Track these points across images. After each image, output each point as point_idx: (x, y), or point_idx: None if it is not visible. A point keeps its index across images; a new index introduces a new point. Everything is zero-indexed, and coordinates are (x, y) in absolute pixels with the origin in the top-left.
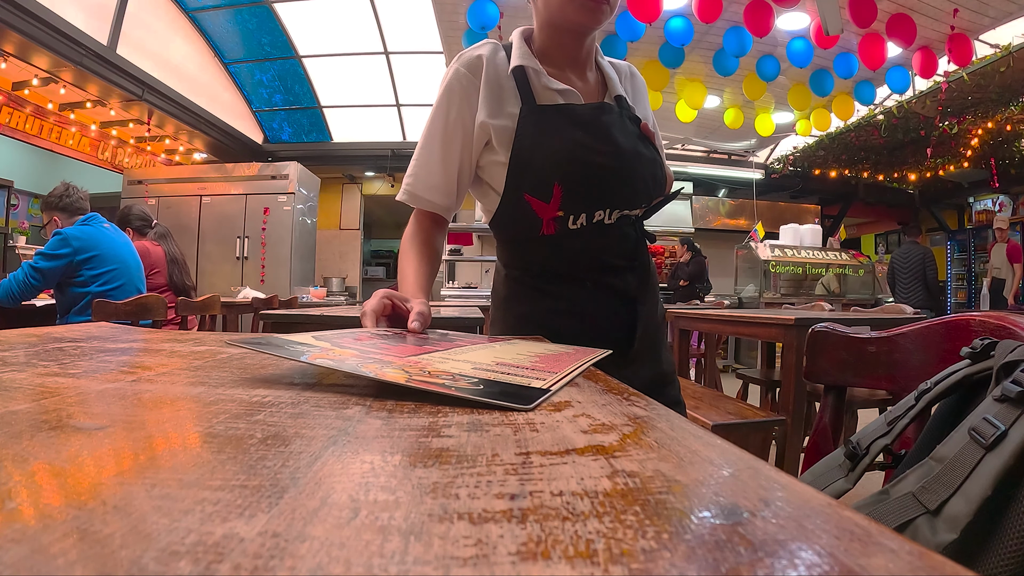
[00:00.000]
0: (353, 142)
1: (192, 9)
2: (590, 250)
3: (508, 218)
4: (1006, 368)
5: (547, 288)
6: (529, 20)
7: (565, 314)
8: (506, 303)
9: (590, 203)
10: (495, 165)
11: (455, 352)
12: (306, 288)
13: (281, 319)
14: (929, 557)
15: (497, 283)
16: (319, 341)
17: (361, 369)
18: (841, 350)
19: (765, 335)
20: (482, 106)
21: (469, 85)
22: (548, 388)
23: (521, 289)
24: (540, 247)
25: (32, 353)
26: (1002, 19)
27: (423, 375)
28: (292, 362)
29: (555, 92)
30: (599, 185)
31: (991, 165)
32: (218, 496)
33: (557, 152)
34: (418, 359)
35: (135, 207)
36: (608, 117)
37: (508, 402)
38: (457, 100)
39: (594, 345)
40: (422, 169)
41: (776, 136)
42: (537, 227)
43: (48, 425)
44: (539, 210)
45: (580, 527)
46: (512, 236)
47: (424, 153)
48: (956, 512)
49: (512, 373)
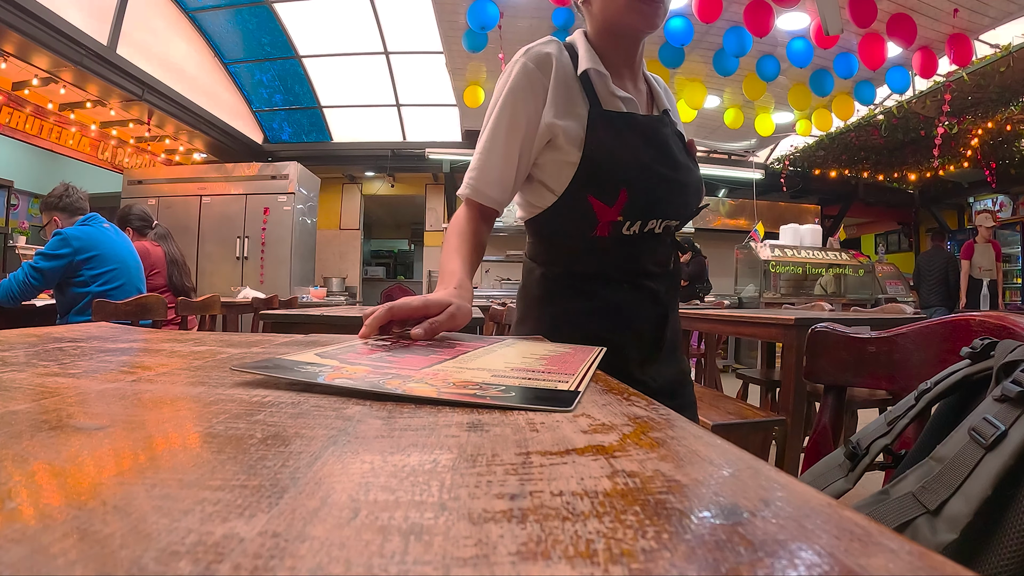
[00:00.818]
0: (353, 142)
1: (192, 9)
2: (635, 255)
3: (563, 217)
4: (1006, 368)
5: (585, 288)
6: (529, 20)
7: (600, 315)
8: (540, 302)
9: (648, 211)
10: (557, 164)
11: (465, 359)
12: (306, 288)
13: (281, 319)
14: (929, 557)
15: (530, 282)
16: (326, 359)
17: (385, 386)
18: (841, 350)
19: (765, 335)
20: (550, 105)
21: (537, 82)
22: (578, 389)
23: (557, 289)
24: (588, 248)
25: (32, 353)
26: (1002, 19)
27: (450, 387)
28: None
29: (618, 99)
30: (659, 195)
31: (985, 164)
32: (218, 496)
33: (627, 159)
34: (434, 370)
35: (135, 207)
36: (665, 130)
37: (549, 406)
38: (524, 96)
39: (625, 346)
40: (486, 164)
41: (776, 136)
42: (592, 228)
43: (48, 425)
44: (600, 212)
45: (580, 527)
46: (560, 234)
47: (489, 146)
48: (956, 512)
49: (533, 378)
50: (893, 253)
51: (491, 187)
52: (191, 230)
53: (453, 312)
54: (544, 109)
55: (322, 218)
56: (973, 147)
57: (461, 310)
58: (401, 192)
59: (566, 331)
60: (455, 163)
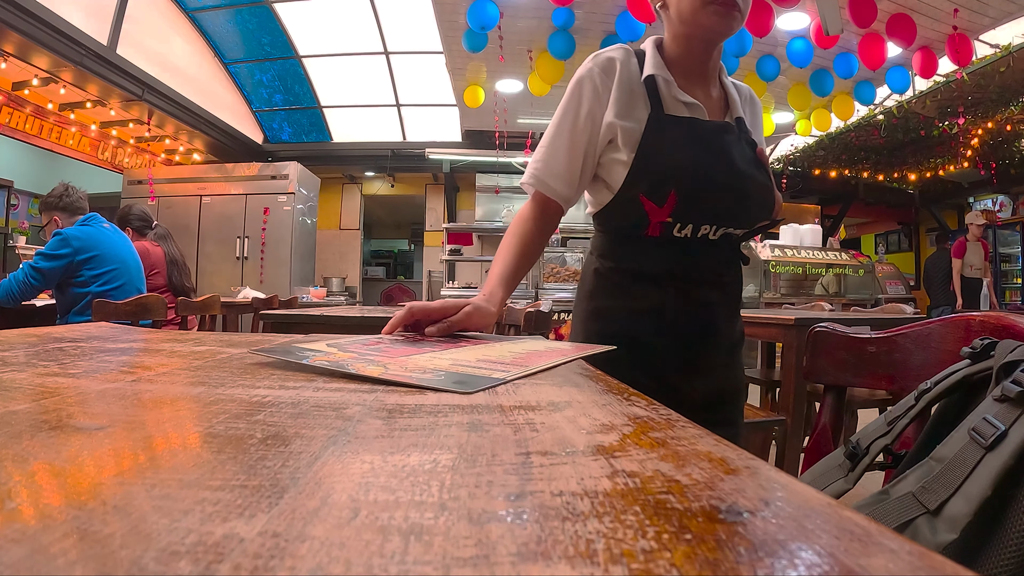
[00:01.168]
0: (353, 142)
1: (192, 9)
2: (686, 260)
3: (618, 213)
4: (1006, 368)
5: (630, 287)
6: (529, 20)
7: (640, 315)
8: (590, 296)
9: (700, 216)
10: (615, 163)
11: (448, 352)
12: (306, 288)
13: (281, 319)
14: (929, 557)
15: (587, 273)
16: (330, 347)
17: (348, 368)
18: (841, 350)
19: (765, 335)
20: (612, 106)
21: (601, 85)
22: (504, 379)
23: (606, 284)
24: (640, 245)
25: (32, 353)
26: (1002, 19)
27: (400, 370)
28: (295, 363)
29: (683, 104)
30: (712, 200)
31: (984, 163)
32: (218, 496)
33: (678, 161)
34: (406, 359)
35: (135, 207)
36: (729, 137)
37: (453, 389)
38: (588, 97)
39: (662, 350)
40: (550, 157)
41: (776, 136)
42: (644, 226)
43: (48, 425)
44: (651, 212)
45: (580, 527)
46: (616, 230)
47: (553, 142)
48: (956, 512)
49: (482, 367)
50: (893, 253)
51: (556, 180)
52: (191, 230)
53: (470, 311)
54: (607, 110)
55: (322, 218)
56: (973, 147)
57: (479, 310)
58: (401, 192)
59: (606, 327)
60: (455, 163)
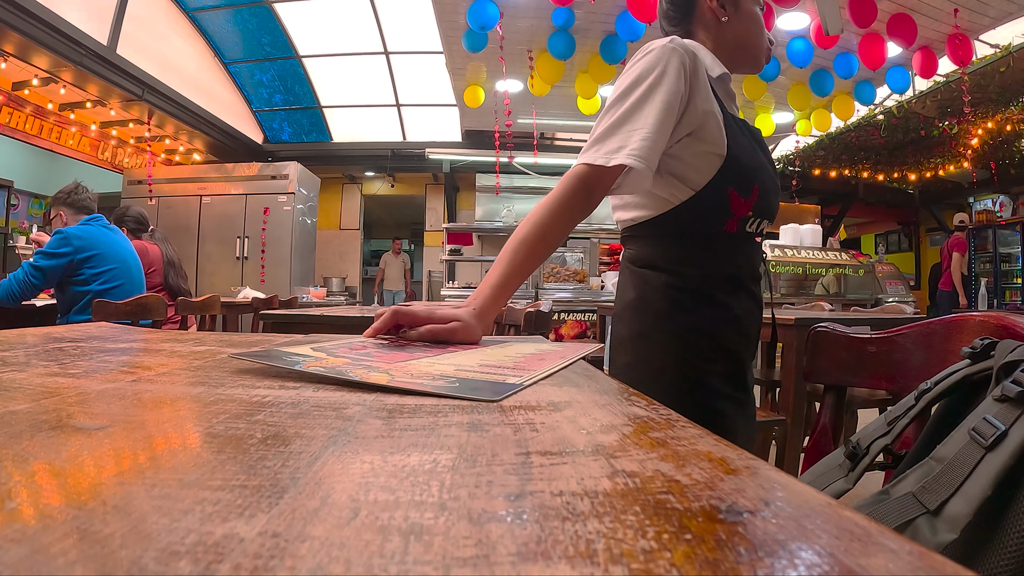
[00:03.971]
0: (353, 142)
1: (192, 9)
2: (748, 255)
3: (700, 210)
4: (1006, 368)
5: (714, 296)
6: (529, 20)
7: (729, 323)
8: (667, 315)
9: (767, 209)
10: (702, 155)
11: (444, 356)
12: (306, 288)
13: (281, 319)
14: (929, 557)
15: (648, 293)
16: (317, 352)
17: (348, 374)
18: (841, 350)
19: (765, 335)
20: (704, 96)
21: (690, 68)
22: (521, 384)
23: (685, 299)
24: (716, 245)
25: (32, 353)
26: (1002, 19)
27: (407, 377)
28: (284, 369)
29: (735, 106)
30: (773, 195)
31: (983, 163)
32: (218, 496)
33: (756, 157)
34: (405, 364)
35: (132, 208)
36: (764, 140)
37: (477, 396)
38: (677, 76)
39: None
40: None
41: (776, 136)
42: (724, 221)
43: (48, 425)
44: (735, 206)
45: (580, 527)
46: (691, 231)
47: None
48: (956, 512)
49: (491, 372)
50: (893, 253)
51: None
52: (191, 230)
53: (456, 328)
54: (697, 98)
55: (322, 218)
56: (973, 147)
57: (466, 328)
58: (401, 192)
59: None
60: (455, 163)
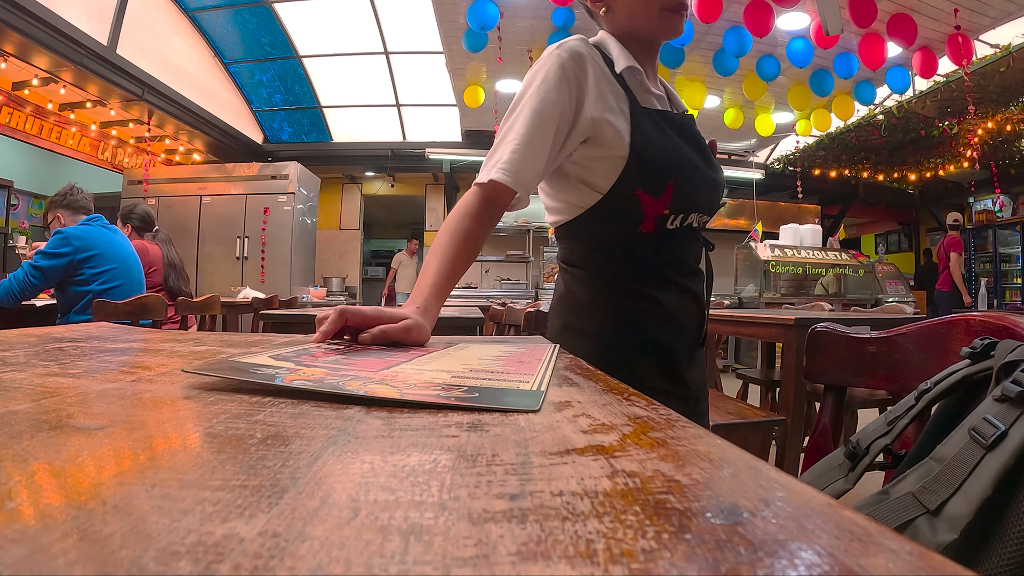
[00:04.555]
0: (353, 142)
1: (192, 9)
2: (677, 252)
3: (610, 213)
4: (1006, 368)
5: (637, 289)
6: (529, 20)
7: (656, 317)
8: (592, 307)
9: (690, 205)
10: (604, 159)
11: (421, 362)
12: (306, 288)
13: (281, 319)
14: (929, 557)
15: (573, 287)
16: (281, 362)
17: (345, 388)
18: (841, 350)
19: (765, 335)
20: (594, 101)
21: (572, 76)
22: (541, 389)
23: (610, 290)
24: (634, 245)
25: (32, 353)
26: (1002, 19)
27: (412, 388)
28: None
29: (653, 97)
30: (699, 190)
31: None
32: (218, 496)
33: (672, 153)
34: (392, 372)
35: (139, 206)
36: (696, 128)
37: (517, 408)
38: (558, 86)
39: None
40: (526, 148)
41: (776, 136)
42: (639, 223)
43: (48, 425)
44: (647, 207)
45: (580, 527)
46: (606, 234)
47: (527, 133)
48: (956, 512)
49: (493, 378)
50: (893, 253)
51: (530, 174)
52: (191, 230)
53: (409, 326)
54: (586, 104)
55: (322, 218)
56: (973, 146)
57: (418, 327)
58: (401, 192)
59: (624, 334)
60: (455, 163)
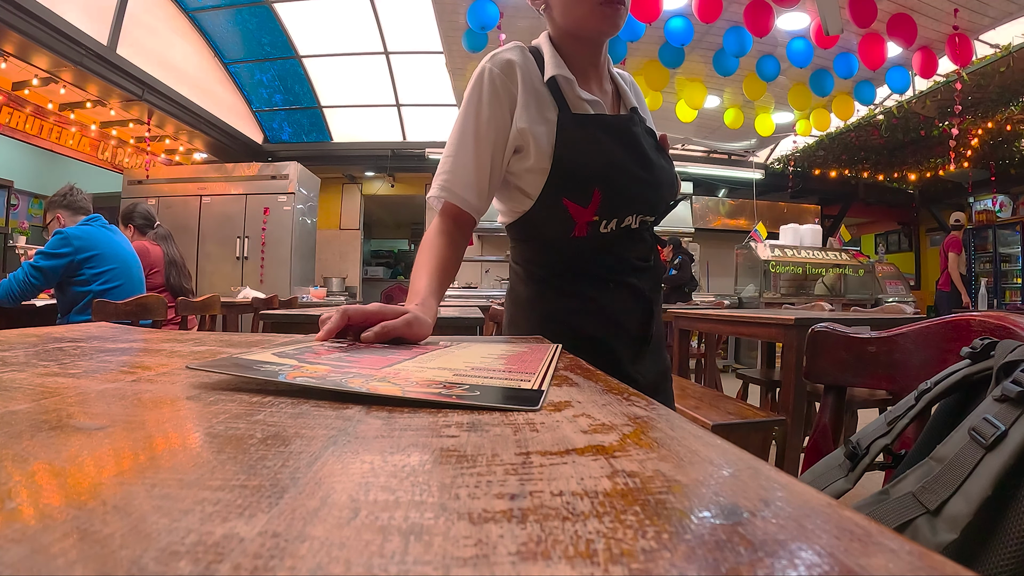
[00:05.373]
0: (353, 142)
1: (192, 9)
2: (616, 252)
3: (541, 221)
4: (1006, 368)
5: (572, 288)
6: (529, 20)
7: (589, 313)
8: (530, 303)
9: (623, 209)
10: (531, 171)
11: (424, 360)
12: (306, 288)
13: (281, 319)
14: (929, 557)
15: (516, 283)
16: (284, 359)
17: (347, 385)
18: (841, 350)
19: (765, 335)
20: (521, 112)
21: (502, 88)
22: (542, 388)
23: (545, 289)
24: (569, 249)
25: (32, 353)
26: (1002, 19)
27: (414, 386)
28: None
29: (586, 102)
30: (632, 192)
31: (983, 164)
32: (218, 496)
33: (597, 159)
34: (395, 369)
35: (140, 205)
36: (635, 128)
37: (515, 405)
38: (490, 101)
39: (615, 343)
40: (458, 166)
41: (776, 136)
42: (570, 230)
43: (48, 425)
44: (576, 214)
45: (580, 527)
46: (541, 238)
47: (459, 151)
48: (956, 512)
49: (495, 377)
50: (893, 253)
51: (466, 190)
52: (191, 230)
53: (410, 320)
54: (515, 115)
55: (322, 218)
56: (973, 147)
57: (419, 320)
58: (401, 192)
59: (556, 330)
60: None
